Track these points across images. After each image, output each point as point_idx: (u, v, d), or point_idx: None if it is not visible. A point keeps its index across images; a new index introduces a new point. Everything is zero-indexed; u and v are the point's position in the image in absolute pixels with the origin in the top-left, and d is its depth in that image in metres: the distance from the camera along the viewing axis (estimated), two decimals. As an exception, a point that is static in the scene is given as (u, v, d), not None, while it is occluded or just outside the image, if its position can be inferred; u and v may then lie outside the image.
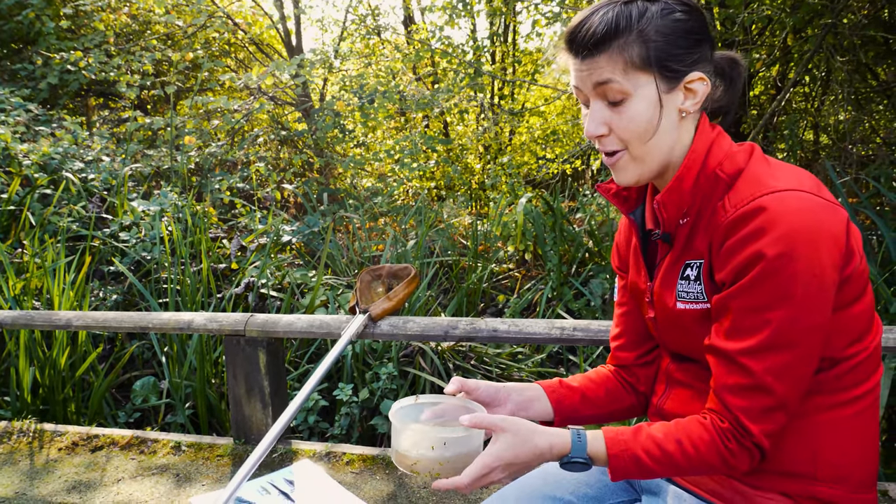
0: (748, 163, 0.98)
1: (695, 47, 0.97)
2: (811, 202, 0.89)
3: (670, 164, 1.03)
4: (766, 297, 0.89)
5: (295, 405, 1.72)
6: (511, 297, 3.91)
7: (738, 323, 0.92)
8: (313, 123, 6.01)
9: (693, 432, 0.95)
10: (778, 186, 0.91)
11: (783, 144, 5.87)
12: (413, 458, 0.99)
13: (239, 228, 4.59)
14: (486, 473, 0.94)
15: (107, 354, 3.37)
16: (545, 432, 0.97)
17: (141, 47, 6.83)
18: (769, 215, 0.88)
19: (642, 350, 1.24)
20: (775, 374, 0.91)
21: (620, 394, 1.25)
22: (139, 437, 2.50)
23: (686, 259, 1.03)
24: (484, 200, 6.80)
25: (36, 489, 2.19)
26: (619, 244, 1.25)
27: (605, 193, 1.14)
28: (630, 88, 0.96)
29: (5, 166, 4.37)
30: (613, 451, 0.96)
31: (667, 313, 1.07)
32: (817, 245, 0.87)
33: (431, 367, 2.93)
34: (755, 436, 0.92)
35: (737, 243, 0.91)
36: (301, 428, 2.81)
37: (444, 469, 0.98)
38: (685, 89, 0.98)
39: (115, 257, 3.77)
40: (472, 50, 6.88)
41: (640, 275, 1.15)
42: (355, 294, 2.27)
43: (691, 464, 0.95)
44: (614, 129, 1.00)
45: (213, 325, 2.35)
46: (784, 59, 5.60)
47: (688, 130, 1.02)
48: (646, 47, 0.95)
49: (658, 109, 0.97)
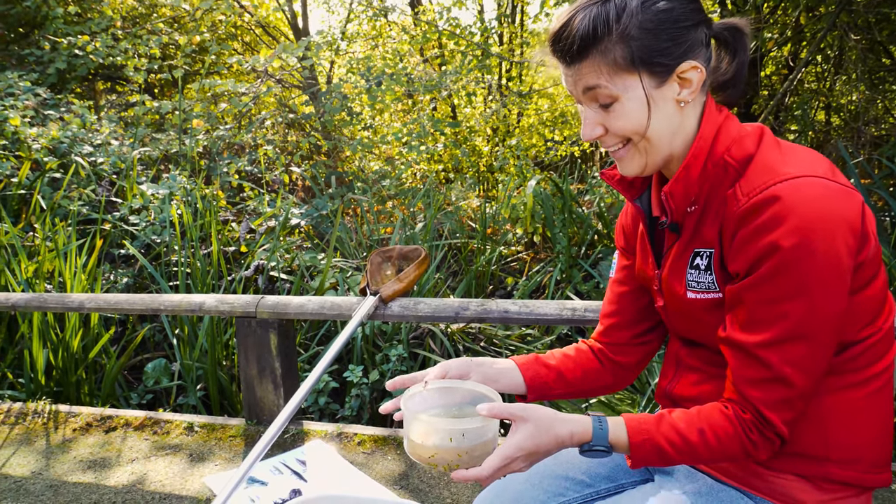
0: (758, 148, 0.95)
1: (683, 35, 0.93)
2: (826, 188, 0.87)
3: (674, 152, 0.99)
4: (783, 288, 0.87)
5: (307, 386, 1.73)
6: (520, 279, 3.90)
7: (754, 315, 0.90)
8: (321, 106, 5.99)
9: (716, 422, 0.94)
10: (791, 173, 0.88)
11: (795, 125, 5.81)
12: (431, 450, 0.96)
13: (248, 212, 4.60)
14: (508, 464, 0.93)
15: (119, 337, 3.39)
16: (565, 420, 0.95)
17: (147, 31, 6.81)
18: (783, 204, 0.85)
19: (638, 330, 1.22)
20: (794, 365, 0.89)
21: (598, 374, 1.24)
22: (152, 418, 2.53)
23: (695, 247, 1.00)
24: (492, 183, 6.78)
25: (52, 468, 2.22)
26: (625, 226, 1.22)
27: (610, 181, 1.11)
28: (618, 91, 0.93)
29: (15, 150, 4.38)
30: (636, 439, 0.94)
31: (677, 302, 1.05)
32: (833, 233, 0.85)
33: (441, 348, 2.94)
34: (777, 426, 0.91)
35: (751, 234, 0.88)
36: (312, 409, 2.83)
37: (463, 460, 0.96)
38: (679, 79, 0.94)
39: (125, 240, 3.78)
40: (479, 31, 6.81)
41: (648, 262, 1.13)
42: (366, 276, 2.27)
43: (713, 454, 0.93)
44: (610, 128, 0.97)
45: (224, 307, 2.36)
46: (796, 38, 5.53)
47: (691, 117, 0.98)
48: (629, 47, 0.91)
49: (654, 104, 0.94)
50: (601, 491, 1.20)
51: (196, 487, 2.06)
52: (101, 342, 2.98)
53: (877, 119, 5.88)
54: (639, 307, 1.22)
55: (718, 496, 1.04)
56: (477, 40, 6.70)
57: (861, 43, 4.61)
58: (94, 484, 2.11)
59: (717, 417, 0.94)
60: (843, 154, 3.43)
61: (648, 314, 1.23)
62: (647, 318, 1.23)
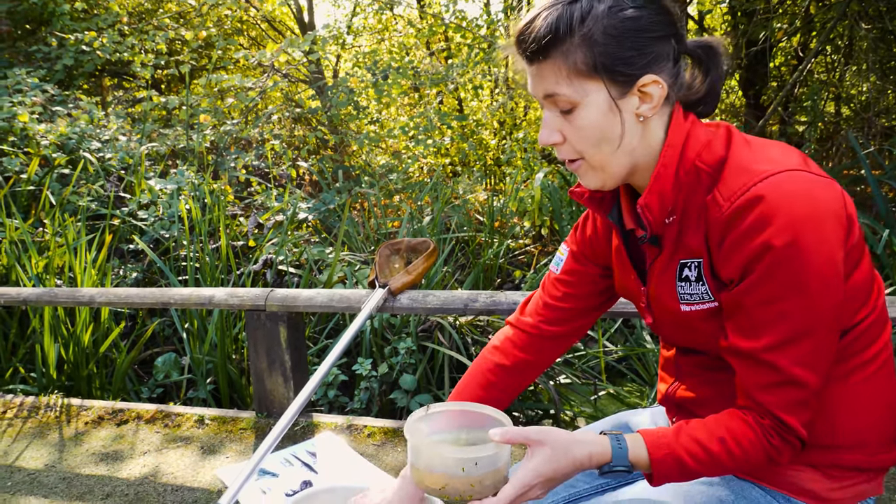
0: (729, 149, 0.93)
1: (649, 47, 0.90)
2: (806, 181, 0.86)
3: (638, 165, 0.97)
4: (780, 288, 0.86)
5: (317, 378, 1.74)
6: (528, 272, 3.90)
7: (754, 319, 0.89)
8: (327, 101, 5.99)
9: (736, 430, 0.91)
10: (769, 170, 0.87)
11: (804, 116, 5.77)
12: (441, 481, 0.91)
13: (255, 206, 4.61)
14: (525, 492, 0.90)
15: (129, 331, 3.41)
16: (583, 441, 0.92)
17: (154, 26, 6.82)
18: (768, 204, 0.84)
19: (577, 325, 1.23)
20: (802, 364, 0.88)
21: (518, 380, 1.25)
22: (163, 411, 2.54)
23: (680, 258, 0.98)
24: (499, 176, 6.76)
25: (65, 461, 2.24)
26: (592, 239, 1.18)
27: (579, 198, 1.08)
28: (577, 98, 0.91)
29: (24, 147, 4.40)
30: (656, 455, 0.91)
31: (670, 316, 1.03)
32: (822, 226, 0.84)
33: (450, 341, 2.94)
34: (797, 429, 0.90)
35: (740, 237, 0.87)
36: (321, 402, 2.84)
37: (475, 490, 0.90)
38: (639, 93, 0.91)
39: (134, 235, 3.80)
40: (486, 24, 6.79)
41: (630, 278, 1.11)
42: (374, 268, 2.27)
43: (736, 463, 0.91)
44: (568, 138, 0.95)
45: (233, 301, 2.37)
46: (806, 28, 5.48)
47: (654, 130, 0.95)
48: (591, 52, 0.88)
49: (614, 116, 0.92)
50: (612, 482, 1.20)
51: (208, 479, 2.08)
52: (111, 336, 2.99)
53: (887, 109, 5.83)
54: (585, 309, 1.22)
55: (730, 485, 1.04)
56: (483, 33, 6.68)
57: (872, 32, 4.57)
58: (106, 476, 2.13)
59: (737, 424, 0.92)
60: (854, 145, 3.40)
61: (594, 311, 1.23)
62: (590, 315, 1.23)
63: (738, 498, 1.02)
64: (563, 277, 1.22)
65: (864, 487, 1.01)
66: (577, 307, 1.21)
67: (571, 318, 1.22)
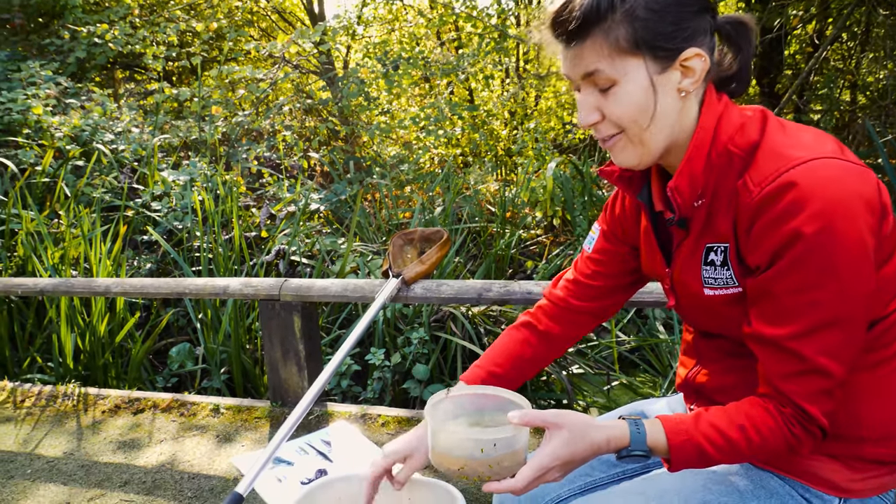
0: (763, 133, 0.91)
1: (689, 20, 0.90)
2: (840, 168, 0.84)
3: (674, 144, 0.96)
4: (809, 277, 0.84)
5: (331, 367, 1.74)
6: (540, 262, 3.89)
7: (781, 307, 0.87)
8: (338, 91, 5.99)
9: (756, 418, 0.90)
10: (802, 157, 0.85)
11: (819, 105, 5.70)
12: (460, 462, 0.92)
13: (267, 197, 4.62)
14: (543, 475, 0.90)
15: (143, 322, 3.44)
16: (601, 426, 0.92)
17: (165, 18, 6.83)
18: (800, 190, 0.82)
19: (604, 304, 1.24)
20: (828, 354, 0.87)
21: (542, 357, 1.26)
22: (179, 400, 2.56)
23: (707, 242, 0.97)
24: (510, 166, 6.74)
25: (83, 449, 2.26)
26: (621, 218, 1.19)
27: (609, 177, 1.08)
28: (618, 75, 0.90)
29: (38, 139, 4.43)
30: (675, 441, 0.91)
31: (694, 299, 1.03)
32: (854, 214, 0.83)
33: (462, 331, 2.95)
34: (818, 419, 0.89)
35: (770, 223, 0.85)
36: (334, 392, 2.85)
37: (494, 471, 0.92)
38: (681, 67, 0.91)
39: (148, 226, 3.82)
40: (496, 13, 6.75)
41: (657, 260, 1.10)
42: (388, 258, 2.27)
43: (755, 451, 0.91)
44: (607, 114, 0.94)
45: (248, 290, 2.38)
46: (822, 14, 5.41)
47: (691, 108, 0.94)
48: (633, 28, 0.88)
49: (652, 93, 0.91)
50: (628, 471, 1.20)
51: (223, 467, 2.10)
52: (126, 326, 3.02)
53: (904, 97, 5.74)
54: (615, 287, 1.23)
55: (748, 474, 1.03)
56: (494, 22, 6.64)
57: (890, 18, 4.50)
58: (124, 464, 2.15)
59: (757, 412, 0.91)
60: (871, 133, 3.36)
61: (622, 291, 1.24)
62: (619, 294, 1.24)
63: (756, 488, 1.01)
64: (594, 256, 1.23)
65: (887, 480, 0.99)
66: (606, 285, 1.23)
67: (599, 295, 1.23)
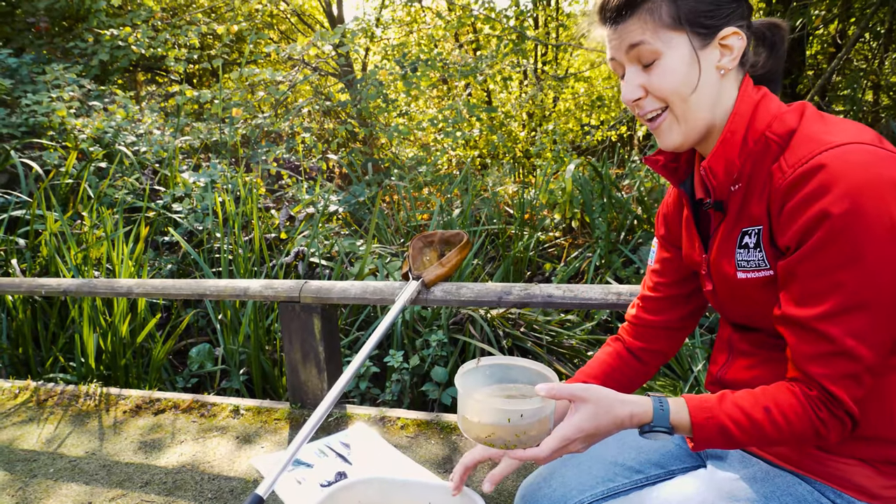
0: (801, 122, 0.93)
1: (727, 3, 0.95)
2: (873, 154, 0.84)
3: (714, 125, 1.00)
4: (836, 257, 0.85)
5: (351, 370, 1.75)
6: (558, 265, 3.87)
7: (808, 288, 0.88)
8: (356, 93, 6.01)
9: (782, 400, 0.91)
10: (836, 141, 0.86)
11: (842, 105, 5.62)
12: (488, 430, 0.96)
13: (286, 199, 4.64)
14: (566, 445, 0.93)
15: (164, 322, 3.47)
16: (626, 401, 0.94)
17: (186, 21, 6.90)
18: (829, 172, 0.84)
19: (675, 316, 1.24)
20: (856, 337, 0.86)
21: (635, 371, 1.27)
22: (199, 401, 2.58)
23: (742, 226, 0.99)
24: (528, 168, 6.72)
25: (105, 449, 2.29)
26: (667, 216, 1.23)
27: (654, 166, 1.12)
28: (661, 48, 0.95)
29: (62, 141, 4.49)
30: (698, 419, 0.92)
31: (727, 283, 1.04)
32: (884, 197, 0.82)
33: (481, 334, 2.94)
34: (846, 403, 0.88)
35: (798, 204, 0.86)
36: (353, 394, 2.86)
37: (520, 440, 0.96)
38: (720, 45, 0.96)
39: (168, 228, 3.86)
40: (514, 15, 6.74)
41: (695, 247, 1.12)
42: (408, 260, 2.27)
43: (781, 434, 0.91)
44: (651, 89, 0.98)
45: (268, 292, 2.39)
46: (844, 14, 5.33)
47: (729, 90, 0.99)
48: (675, 5, 0.94)
49: (695, 66, 0.95)
50: (651, 477, 1.19)
51: (243, 469, 2.10)
52: (147, 327, 3.05)
53: (930, 98, 5.65)
54: (677, 297, 1.23)
55: (774, 481, 1.02)
56: (512, 24, 6.63)
57: (914, 18, 4.42)
58: (145, 464, 2.17)
59: (784, 395, 0.91)
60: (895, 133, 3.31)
61: (686, 302, 1.24)
62: (684, 306, 1.23)
63: (783, 494, 1.00)
64: (655, 267, 1.25)
65: (919, 487, 0.98)
66: (668, 295, 1.24)
67: (665, 307, 1.24)
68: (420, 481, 1.32)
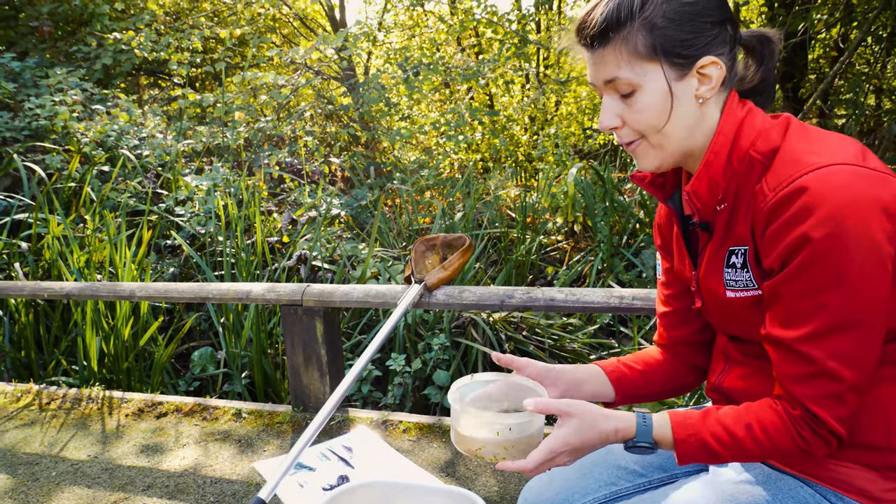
0: (784, 139, 0.93)
1: (707, 30, 0.93)
2: (854, 174, 0.84)
3: (694, 149, 0.99)
4: (818, 280, 0.85)
5: (354, 373, 1.75)
6: (560, 269, 3.87)
7: (791, 310, 0.89)
8: (358, 97, 6.02)
9: (764, 418, 0.92)
10: (818, 163, 0.86)
11: (844, 109, 5.62)
12: (478, 443, 1.00)
13: (289, 202, 4.65)
14: (552, 458, 0.95)
15: (166, 326, 3.47)
16: (610, 416, 0.96)
17: (189, 25, 6.92)
18: (810, 196, 0.84)
19: (696, 327, 1.21)
20: (839, 358, 0.87)
21: (677, 374, 1.24)
22: (201, 405, 2.58)
23: (729, 245, 0.99)
24: (530, 172, 6.73)
25: (107, 452, 2.29)
26: (661, 226, 1.22)
27: (640, 182, 1.11)
28: (638, 80, 0.94)
29: (65, 144, 4.50)
30: (680, 436, 0.94)
31: (716, 302, 1.04)
32: (866, 219, 0.82)
33: (483, 337, 2.94)
34: (828, 423, 0.89)
35: (780, 228, 0.87)
36: (355, 397, 2.85)
37: (509, 453, 0.99)
38: (699, 74, 0.94)
39: (171, 231, 3.86)
40: (517, 19, 6.75)
41: (685, 263, 1.12)
42: (410, 264, 2.27)
43: (763, 450, 0.92)
44: (627, 121, 0.97)
45: (270, 296, 2.39)
46: (846, 18, 5.34)
47: (710, 114, 0.97)
48: (651, 36, 0.92)
49: (670, 99, 0.94)
50: (654, 481, 1.19)
51: (245, 472, 2.11)
52: (150, 330, 3.05)
53: (932, 101, 5.64)
54: (688, 309, 1.21)
55: (776, 485, 1.02)
56: (514, 28, 6.64)
57: (917, 22, 4.42)
58: (147, 468, 2.17)
59: (767, 413, 0.92)
60: (899, 138, 3.31)
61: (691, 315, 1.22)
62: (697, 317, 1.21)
63: (785, 497, 1.00)
64: (663, 279, 1.24)
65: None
66: (679, 307, 1.21)
67: (678, 322, 1.21)
68: (423, 485, 1.32)
